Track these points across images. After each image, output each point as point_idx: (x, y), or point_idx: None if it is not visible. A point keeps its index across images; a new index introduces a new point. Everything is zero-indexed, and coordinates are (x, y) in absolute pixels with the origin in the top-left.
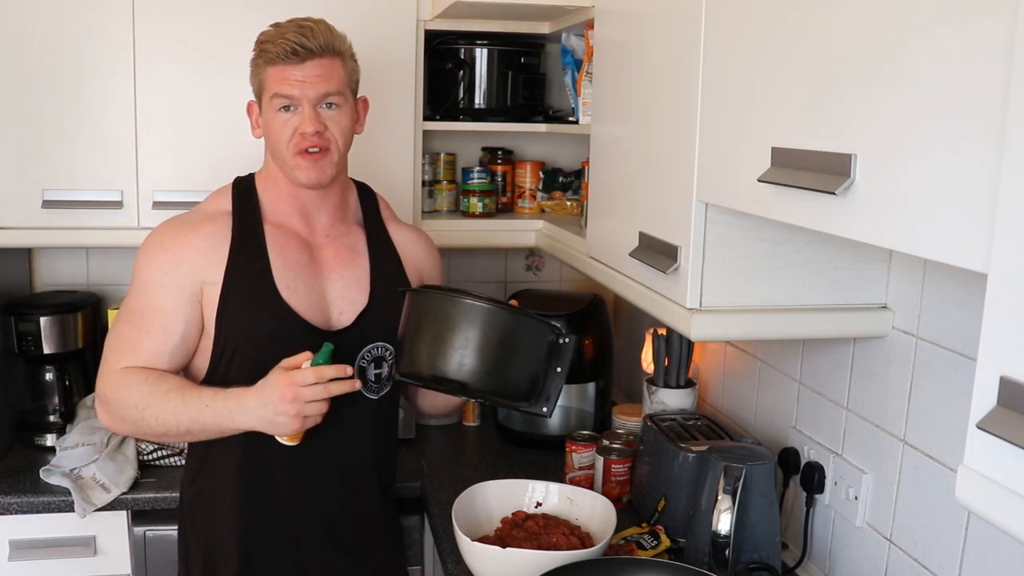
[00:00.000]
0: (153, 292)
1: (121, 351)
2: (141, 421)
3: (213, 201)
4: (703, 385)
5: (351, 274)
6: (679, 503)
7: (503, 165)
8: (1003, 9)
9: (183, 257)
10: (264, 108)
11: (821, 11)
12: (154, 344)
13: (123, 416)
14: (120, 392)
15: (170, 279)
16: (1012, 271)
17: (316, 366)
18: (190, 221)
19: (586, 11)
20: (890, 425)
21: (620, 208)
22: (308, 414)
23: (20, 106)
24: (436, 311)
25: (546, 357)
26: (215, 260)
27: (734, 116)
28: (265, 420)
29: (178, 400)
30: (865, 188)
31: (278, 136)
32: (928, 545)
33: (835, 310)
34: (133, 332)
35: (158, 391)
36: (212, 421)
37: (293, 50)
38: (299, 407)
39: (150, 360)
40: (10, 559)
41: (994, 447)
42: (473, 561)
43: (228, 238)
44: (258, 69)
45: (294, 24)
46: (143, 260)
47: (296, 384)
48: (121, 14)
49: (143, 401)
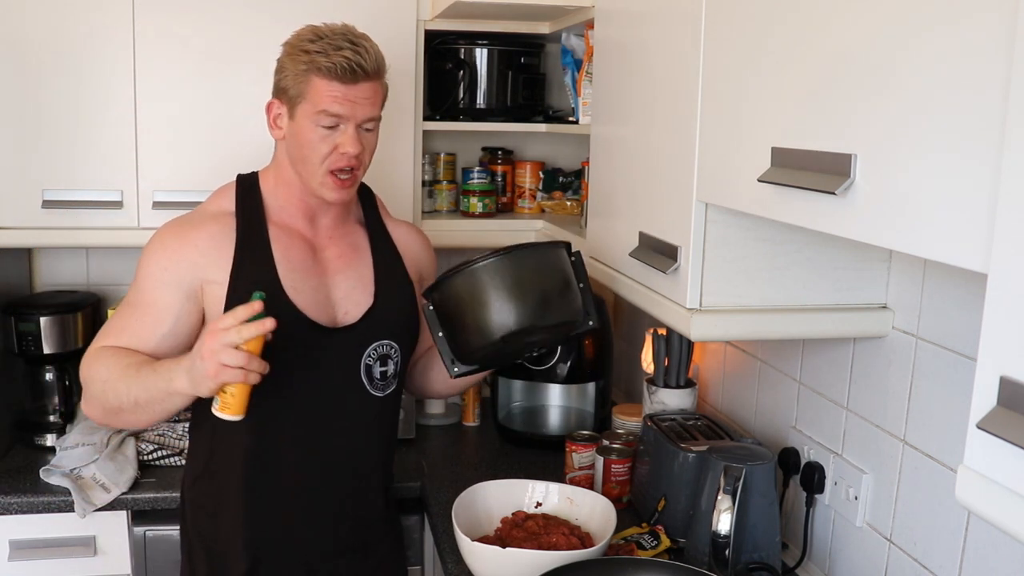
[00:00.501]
0: (150, 287)
1: (106, 335)
2: (103, 394)
3: (216, 200)
4: (703, 385)
5: (355, 273)
6: (679, 503)
7: (503, 165)
8: (1003, 9)
9: (183, 254)
10: (300, 116)
11: (821, 11)
12: (140, 331)
13: (92, 393)
14: (91, 368)
15: (168, 275)
16: (1012, 271)
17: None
18: (193, 220)
19: (586, 11)
20: (890, 425)
21: (620, 208)
22: (223, 360)
23: (20, 106)
24: (460, 293)
25: (574, 274)
26: (218, 260)
27: (734, 116)
28: (188, 372)
29: (133, 370)
30: (865, 188)
31: (314, 149)
32: (928, 545)
33: (835, 310)
34: (123, 320)
35: (120, 363)
36: (154, 386)
37: (352, 69)
38: (213, 347)
39: (132, 343)
40: (10, 559)
41: (994, 447)
42: (473, 561)
43: (232, 238)
44: (301, 75)
45: (346, 38)
46: (145, 257)
47: (215, 327)
48: (121, 14)
49: (107, 372)
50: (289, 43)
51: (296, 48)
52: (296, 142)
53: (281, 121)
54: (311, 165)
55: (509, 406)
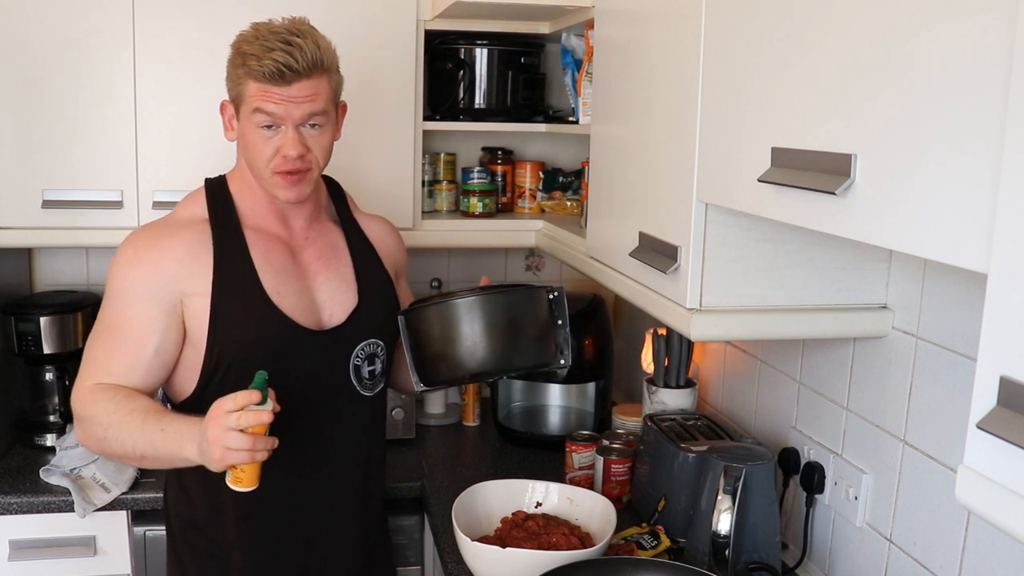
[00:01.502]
0: (126, 304)
1: (94, 366)
2: (104, 440)
3: (186, 207)
4: (703, 385)
5: (336, 274)
6: (679, 503)
7: (503, 165)
8: (1003, 9)
9: (160, 267)
10: (242, 118)
11: (821, 11)
12: (127, 358)
13: (91, 433)
14: (89, 409)
15: (145, 290)
16: (1012, 271)
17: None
18: (165, 229)
19: (586, 11)
20: (890, 425)
21: (620, 208)
22: (229, 445)
23: (20, 106)
24: (434, 324)
25: (548, 315)
26: (197, 270)
27: (734, 116)
28: (199, 448)
29: (138, 422)
30: (865, 188)
31: (257, 152)
32: (928, 545)
33: (835, 310)
34: (106, 346)
35: (122, 410)
36: (164, 447)
37: (280, 72)
38: (218, 433)
39: (123, 376)
40: (10, 559)
41: (994, 447)
42: (473, 561)
43: (209, 246)
44: (238, 78)
45: (280, 39)
46: (116, 271)
47: (221, 409)
48: (121, 14)
49: (107, 419)
50: (232, 44)
51: (235, 50)
52: (244, 144)
53: (233, 122)
54: (258, 168)
55: (509, 406)
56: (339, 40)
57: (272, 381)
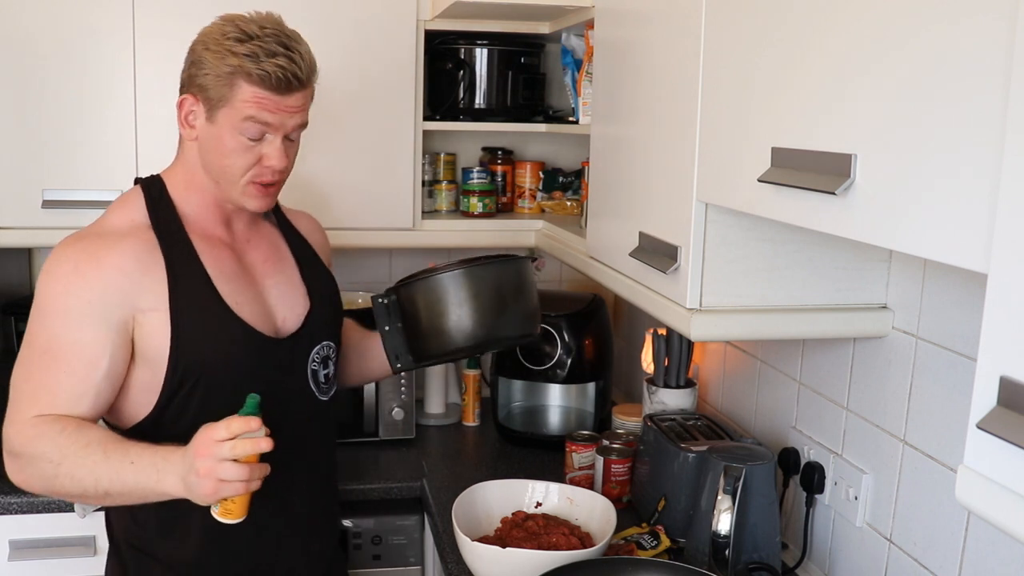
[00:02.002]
0: (68, 325)
1: (34, 396)
2: (55, 478)
3: (122, 213)
4: (703, 385)
5: (284, 276)
6: (679, 503)
7: (503, 165)
8: (1003, 9)
9: (107, 282)
10: (221, 120)
11: (821, 11)
12: (74, 385)
13: (35, 472)
14: (33, 444)
15: (91, 309)
16: (1012, 271)
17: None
18: (105, 239)
19: (586, 11)
20: (890, 425)
21: (620, 208)
22: (223, 476)
23: (20, 106)
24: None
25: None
26: (149, 283)
27: (734, 116)
28: (184, 481)
29: (99, 455)
30: (865, 188)
31: (234, 160)
32: (928, 545)
33: (835, 310)
34: (47, 373)
35: (76, 443)
36: (135, 481)
37: (287, 80)
38: (210, 465)
39: (70, 405)
40: (10, 559)
41: (994, 447)
42: (473, 561)
43: (158, 256)
44: (226, 77)
45: (279, 41)
46: (52, 288)
47: (210, 438)
48: (121, 14)
49: (59, 455)
50: (211, 37)
51: (221, 46)
52: (214, 147)
53: (195, 120)
54: (230, 175)
55: (509, 406)
56: (339, 40)
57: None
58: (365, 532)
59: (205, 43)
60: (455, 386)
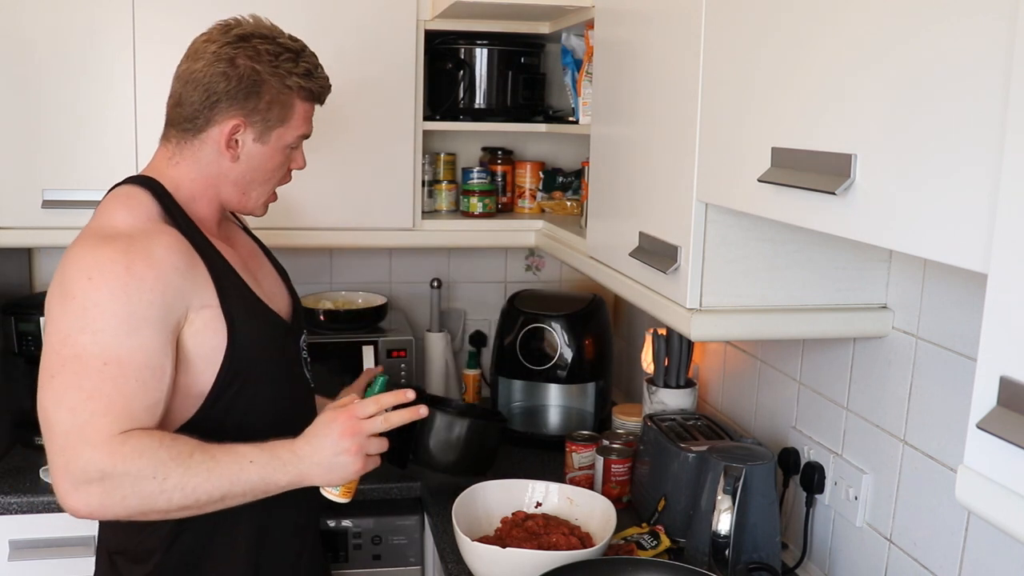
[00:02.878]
0: (131, 331)
1: (109, 413)
2: (159, 495)
3: (135, 212)
4: (703, 385)
5: (267, 270)
6: (679, 503)
7: (503, 165)
8: (1003, 9)
9: (166, 281)
10: (275, 141)
11: (821, 11)
12: (147, 395)
13: (131, 492)
14: (130, 462)
15: (154, 311)
16: (1012, 271)
17: (373, 396)
18: (144, 237)
19: (586, 11)
20: (890, 425)
21: (620, 208)
22: (371, 451)
23: (20, 106)
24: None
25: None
26: (199, 280)
27: (734, 116)
28: (324, 464)
29: (210, 462)
30: (865, 188)
31: (276, 174)
32: (928, 545)
33: (835, 310)
34: (116, 386)
35: (180, 455)
36: (259, 478)
37: (328, 91)
38: (360, 442)
39: (148, 417)
40: (10, 559)
41: (994, 447)
42: (473, 561)
43: (194, 252)
44: (285, 99)
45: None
46: (103, 293)
47: (355, 416)
48: (121, 14)
49: (163, 470)
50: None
51: (277, 68)
52: (259, 166)
53: (240, 143)
54: (265, 187)
55: (509, 406)
56: (339, 40)
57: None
58: (365, 532)
59: (254, 67)
60: (455, 386)
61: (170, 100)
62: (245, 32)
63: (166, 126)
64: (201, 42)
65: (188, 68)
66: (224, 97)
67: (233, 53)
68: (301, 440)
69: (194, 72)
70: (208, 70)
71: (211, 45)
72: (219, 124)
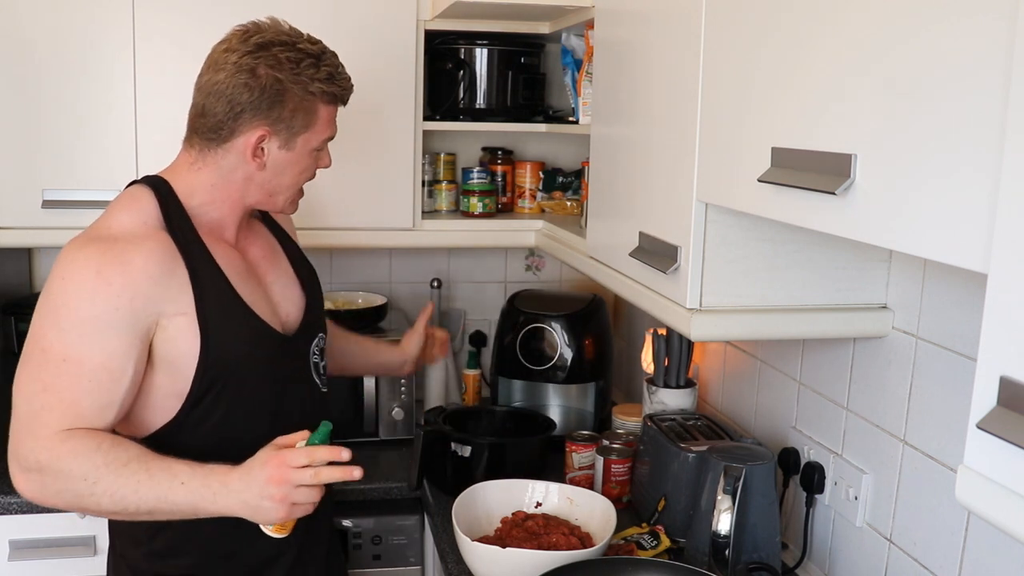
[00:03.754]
0: (93, 333)
1: (57, 408)
2: (89, 496)
3: (132, 214)
4: (703, 385)
5: (281, 271)
6: (679, 503)
7: (503, 165)
8: (1003, 9)
9: (135, 288)
10: (300, 147)
11: (821, 11)
12: (99, 396)
13: (64, 488)
14: (64, 461)
15: (117, 316)
16: (1012, 271)
17: (309, 446)
18: (127, 242)
19: (586, 11)
20: (890, 425)
21: (620, 208)
22: (297, 500)
23: (20, 106)
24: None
25: None
26: (175, 287)
27: (734, 116)
28: (249, 505)
29: (143, 475)
30: (865, 188)
31: (303, 176)
32: (928, 545)
33: (835, 310)
34: (70, 384)
35: (116, 460)
36: (187, 502)
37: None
38: (286, 491)
39: (96, 417)
40: (10, 559)
41: (994, 447)
42: (473, 561)
43: (178, 258)
44: (309, 105)
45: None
46: (71, 293)
47: (286, 464)
48: (121, 14)
49: (95, 473)
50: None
51: (299, 76)
52: (285, 171)
53: (265, 151)
54: (291, 189)
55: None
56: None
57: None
58: (365, 532)
59: (275, 76)
60: (455, 386)
61: (192, 110)
62: (264, 40)
63: (189, 132)
64: (221, 51)
65: (210, 79)
66: (248, 108)
67: (254, 63)
68: (235, 473)
69: (216, 84)
70: (230, 81)
71: (231, 55)
72: (244, 134)
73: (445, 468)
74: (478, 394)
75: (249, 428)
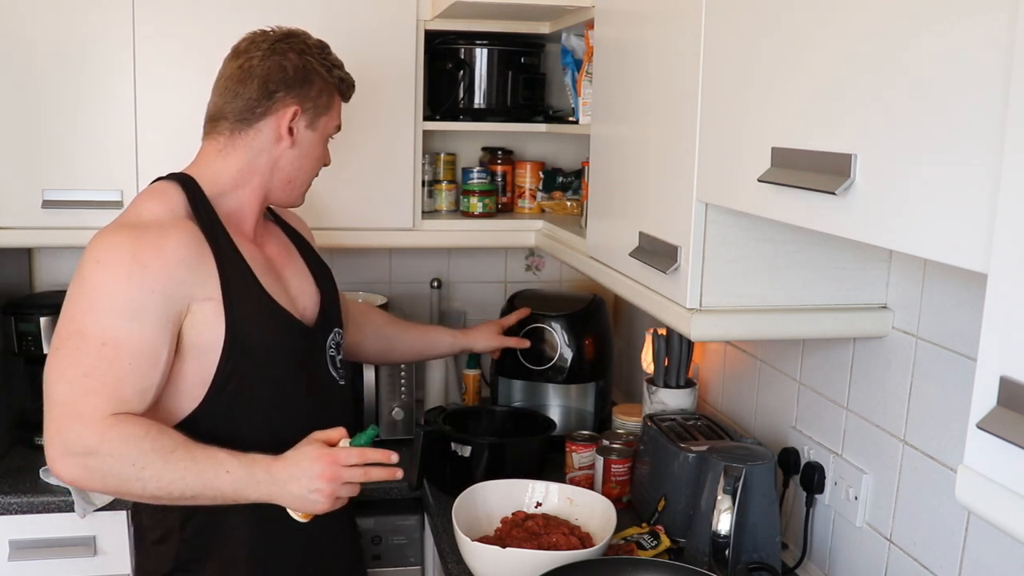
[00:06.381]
0: (131, 315)
1: (101, 392)
2: (135, 481)
3: (160, 204)
4: (703, 385)
5: (296, 267)
6: (679, 503)
7: (503, 165)
8: (1003, 9)
9: (170, 272)
10: (321, 129)
11: (821, 11)
12: (138, 380)
13: (110, 471)
14: (114, 445)
15: (152, 300)
16: (1012, 271)
17: (359, 447)
18: (160, 228)
19: (586, 11)
20: (890, 425)
21: (620, 208)
22: (342, 495)
23: (20, 106)
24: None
25: None
26: (205, 273)
27: (734, 116)
28: (297, 496)
29: (188, 462)
30: (865, 188)
31: (318, 163)
32: (928, 545)
33: (835, 310)
34: (111, 368)
35: (162, 448)
36: (231, 489)
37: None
38: (335, 487)
39: (137, 402)
40: (10, 559)
41: (994, 447)
42: (473, 561)
43: (206, 245)
44: (328, 91)
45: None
46: (106, 278)
47: (338, 463)
48: (121, 15)
49: (143, 458)
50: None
51: (324, 61)
52: (309, 152)
53: (297, 128)
54: (309, 176)
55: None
56: (339, 40)
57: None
58: (365, 532)
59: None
60: (455, 386)
61: (222, 96)
62: (284, 33)
63: (214, 121)
64: (245, 44)
65: (240, 66)
66: (282, 86)
67: (285, 47)
68: (280, 463)
69: (250, 68)
70: (264, 64)
71: (260, 45)
72: (277, 113)
73: (445, 468)
74: (478, 394)
75: (270, 416)
